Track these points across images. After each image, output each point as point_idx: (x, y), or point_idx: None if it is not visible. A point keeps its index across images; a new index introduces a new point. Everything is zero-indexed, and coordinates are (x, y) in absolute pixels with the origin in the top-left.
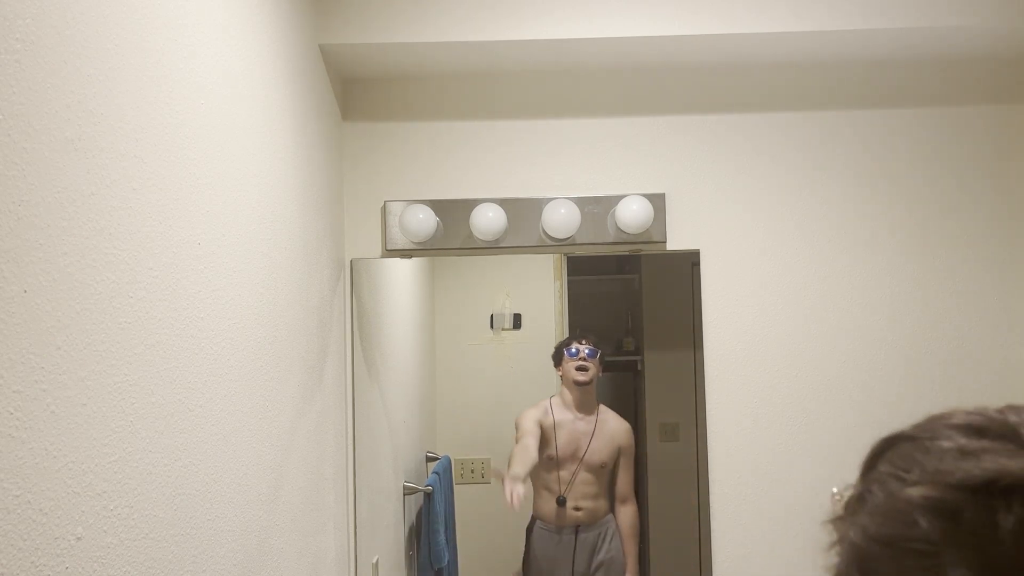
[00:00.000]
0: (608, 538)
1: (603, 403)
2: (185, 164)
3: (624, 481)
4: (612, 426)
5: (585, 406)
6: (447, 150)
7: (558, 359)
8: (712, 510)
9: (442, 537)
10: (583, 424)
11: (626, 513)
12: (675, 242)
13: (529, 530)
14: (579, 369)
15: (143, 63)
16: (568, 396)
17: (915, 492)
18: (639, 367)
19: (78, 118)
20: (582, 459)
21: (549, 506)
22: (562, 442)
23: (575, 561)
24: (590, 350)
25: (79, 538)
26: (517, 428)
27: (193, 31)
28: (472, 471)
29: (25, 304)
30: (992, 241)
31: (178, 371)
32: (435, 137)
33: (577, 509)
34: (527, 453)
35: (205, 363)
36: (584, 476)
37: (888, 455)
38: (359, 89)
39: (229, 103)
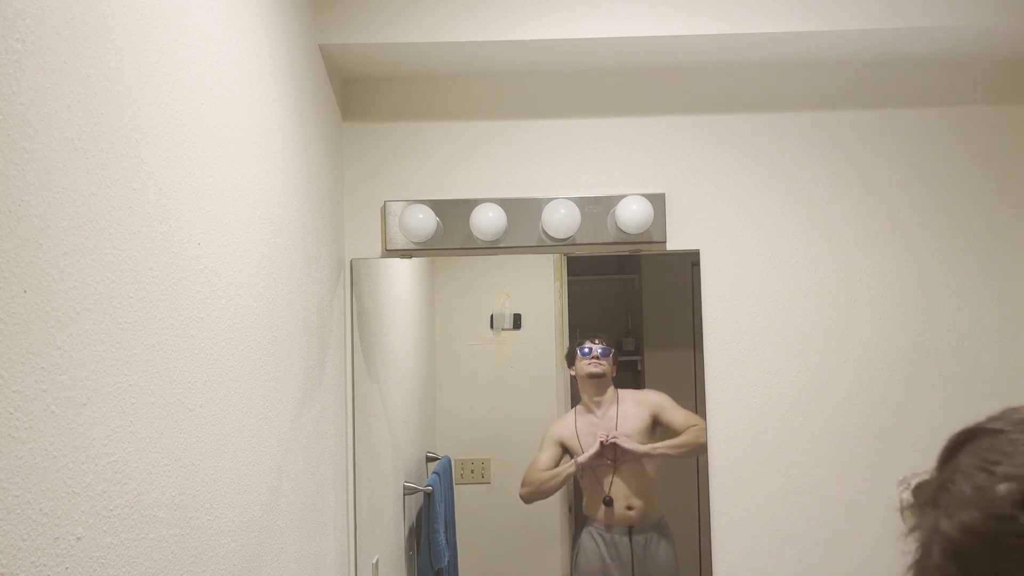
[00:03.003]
0: (662, 541)
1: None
2: (185, 164)
3: (682, 419)
4: (631, 402)
5: (602, 397)
6: (447, 150)
7: (571, 359)
8: (712, 510)
9: (442, 537)
10: (607, 419)
11: (689, 430)
12: (675, 242)
13: (579, 530)
14: (592, 364)
15: (143, 63)
16: (585, 397)
17: (1007, 487)
18: (639, 367)
19: (78, 118)
20: (615, 452)
21: (598, 507)
22: (588, 444)
23: (633, 564)
24: (603, 348)
25: (79, 538)
26: (540, 444)
27: (193, 31)
28: (472, 471)
29: (25, 304)
30: (992, 241)
31: (178, 371)
32: (435, 137)
33: (629, 508)
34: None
35: (205, 363)
36: (626, 469)
37: (970, 447)
38: (359, 89)
39: (229, 103)
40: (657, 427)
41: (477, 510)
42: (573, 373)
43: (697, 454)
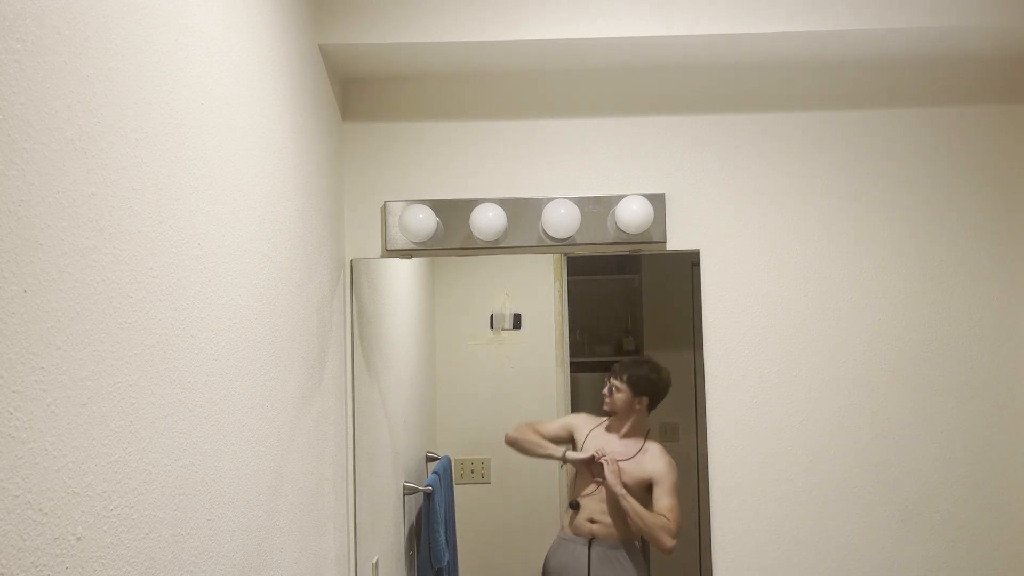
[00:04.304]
0: (625, 559)
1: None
2: (185, 164)
3: (662, 506)
4: (649, 457)
5: (623, 431)
6: (447, 150)
7: None
8: (712, 510)
9: (442, 537)
10: (620, 447)
11: (659, 516)
12: (675, 242)
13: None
14: (606, 401)
15: (143, 63)
16: (613, 417)
17: None
18: None
19: (78, 118)
20: (599, 476)
21: (566, 510)
22: (587, 451)
23: (590, 574)
24: (610, 387)
25: (79, 538)
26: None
27: (193, 31)
28: (472, 471)
29: (25, 304)
30: (992, 240)
31: (178, 371)
32: (435, 137)
33: (592, 521)
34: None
35: (205, 363)
36: (603, 492)
37: None
38: (359, 89)
39: (229, 103)
40: (647, 493)
41: (477, 510)
42: None
43: (648, 538)
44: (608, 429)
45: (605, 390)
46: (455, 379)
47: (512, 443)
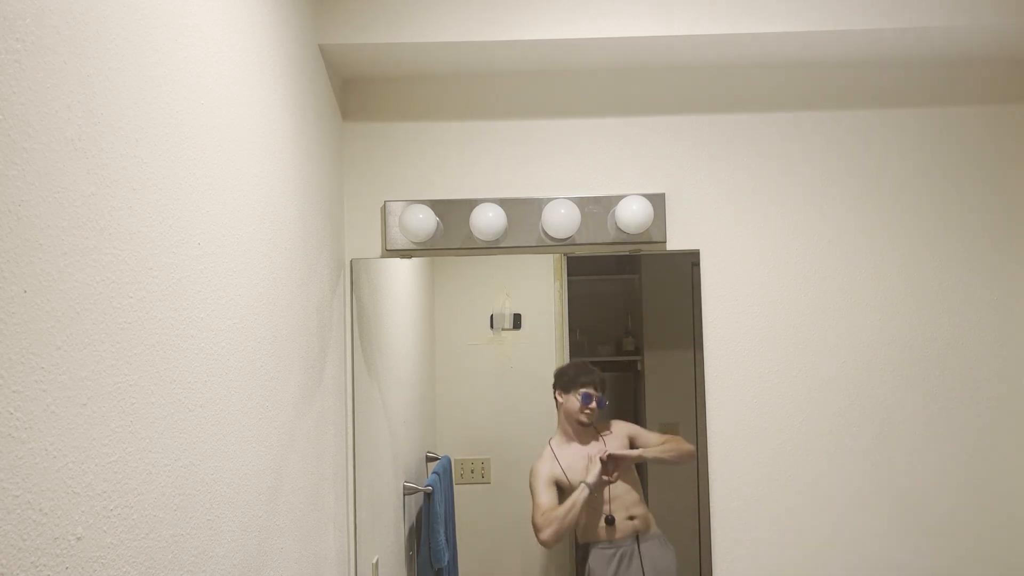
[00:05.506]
0: (665, 548)
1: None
2: (185, 164)
3: (658, 438)
4: (616, 433)
5: (583, 440)
6: (447, 150)
7: (567, 387)
8: (712, 510)
9: (442, 537)
10: (593, 446)
11: (668, 440)
12: (675, 242)
13: (583, 558)
14: (585, 415)
15: (143, 63)
16: (569, 429)
17: None
18: (639, 367)
19: (78, 118)
20: (609, 468)
21: (599, 529)
22: (576, 475)
23: (643, 573)
24: (600, 399)
25: (79, 538)
26: (532, 490)
27: (193, 31)
28: (472, 471)
29: (25, 304)
30: (991, 241)
31: (178, 371)
32: (435, 137)
33: (631, 518)
34: (560, 507)
35: (205, 363)
36: (622, 485)
37: None
38: (359, 89)
39: (229, 103)
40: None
41: (477, 510)
42: (560, 400)
43: (686, 460)
44: (567, 442)
45: (592, 404)
46: (455, 379)
47: (557, 535)
